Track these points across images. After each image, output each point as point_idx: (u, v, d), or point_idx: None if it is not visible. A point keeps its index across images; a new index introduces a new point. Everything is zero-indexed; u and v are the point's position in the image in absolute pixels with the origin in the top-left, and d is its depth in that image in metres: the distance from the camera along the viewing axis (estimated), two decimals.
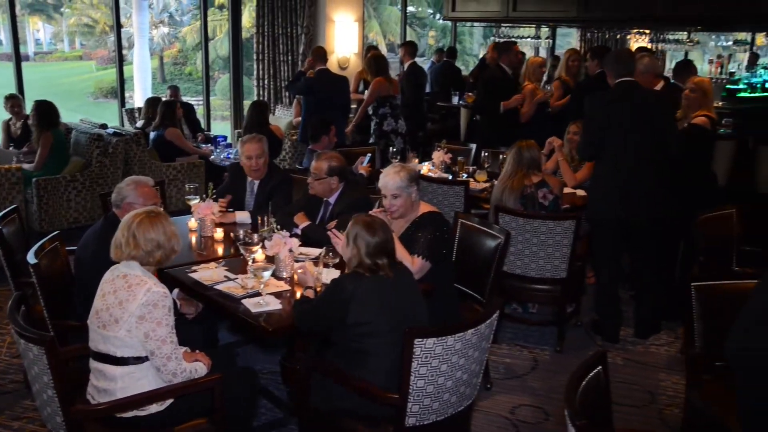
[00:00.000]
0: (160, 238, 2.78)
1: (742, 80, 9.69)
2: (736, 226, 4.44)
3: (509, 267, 4.41)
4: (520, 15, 8.76)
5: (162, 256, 2.81)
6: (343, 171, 4.13)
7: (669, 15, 7.63)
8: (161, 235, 2.79)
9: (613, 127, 4.44)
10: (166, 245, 2.80)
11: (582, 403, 2.16)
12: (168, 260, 2.88)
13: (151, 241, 2.77)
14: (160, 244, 2.78)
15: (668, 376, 4.27)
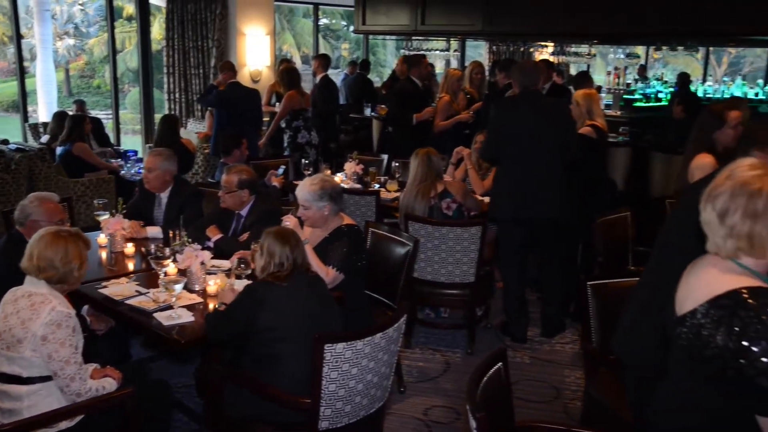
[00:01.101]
0: (55, 258, 2.73)
1: (638, 91, 10.26)
2: (631, 228, 4.72)
3: (420, 273, 4.55)
4: (429, 28, 8.99)
5: (55, 277, 2.75)
6: (253, 184, 4.18)
7: (568, 30, 8.04)
8: (59, 255, 2.74)
9: (515, 130, 4.66)
10: (61, 268, 2.74)
11: (483, 398, 2.29)
12: (66, 282, 2.81)
13: (46, 259, 2.72)
14: (54, 264, 2.73)
15: (572, 371, 4.49)
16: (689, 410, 1.91)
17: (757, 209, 1.77)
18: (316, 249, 3.62)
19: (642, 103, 10.00)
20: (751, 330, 1.69)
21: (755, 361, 1.68)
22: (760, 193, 1.77)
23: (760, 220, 1.77)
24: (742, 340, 1.69)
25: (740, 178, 1.81)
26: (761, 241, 1.78)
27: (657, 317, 2.09)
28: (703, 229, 1.88)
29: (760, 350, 1.67)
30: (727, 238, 1.82)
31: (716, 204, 1.83)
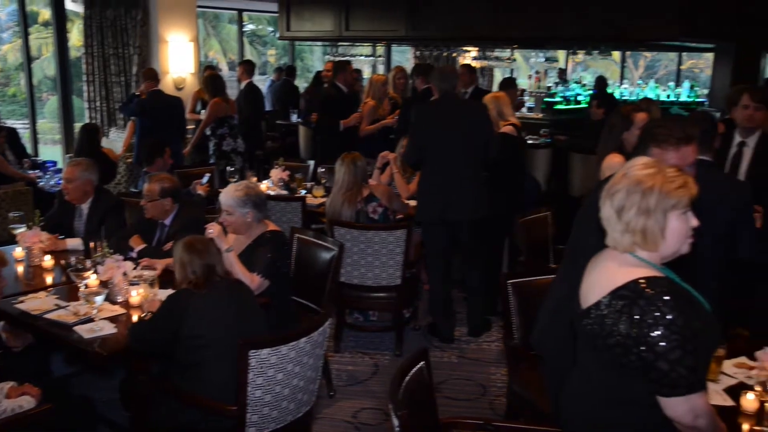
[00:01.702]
0: None
1: (558, 94, 10.57)
2: (551, 227, 4.88)
3: (347, 277, 4.59)
4: (353, 34, 9.06)
5: None
6: (176, 192, 4.14)
7: (489, 35, 8.23)
8: None
9: (436, 134, 4.76)
10: None
11: (406, 397, 2.35)
12: None
13: None
14: None
15: (498, 369, 4.60)
16: (596, 396, 2.02)
17: (650, 206, 1.88)
18: (240, 256, 3.61)
19: (562, 106, 10.30)
20: (649, 317, 1.80)
21: (654, 346, 1.79)
22: (652, 191, 1.88)
23: (653, 216, 1.89)
24: (642, 327, 1.81)
25: (635, 177, 1.93)
26: (653, 236, 1.90)
27: (569, 311, 2.19)
28: (603, 225, 1.99)
29: (658, 336, 1.79)
30: (624, 233, 1.93)
31: (614, 201, 1.95)
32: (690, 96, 11.63)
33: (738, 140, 4.37)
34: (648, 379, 1.84)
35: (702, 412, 1.85)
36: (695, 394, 1.83)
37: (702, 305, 1.96)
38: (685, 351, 1.78)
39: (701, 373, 1.87)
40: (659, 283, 1.86)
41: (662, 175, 1.92)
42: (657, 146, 2.56)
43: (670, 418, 1.87)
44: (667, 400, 1.84)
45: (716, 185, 3.15)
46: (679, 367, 1.79)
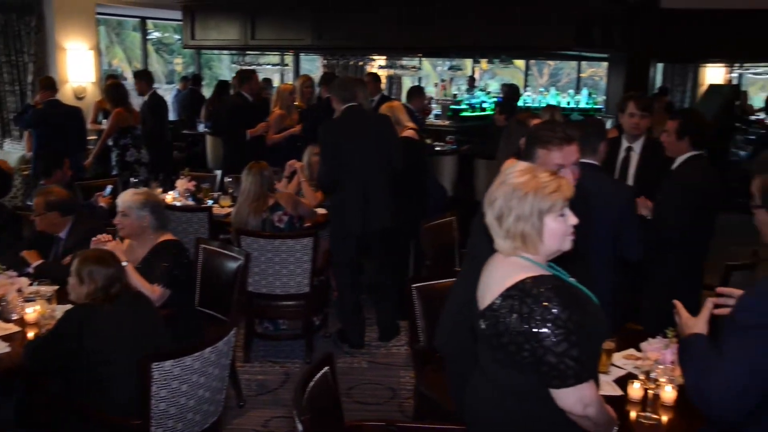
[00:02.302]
0: None
1: (464, 102, 10.82)
2: (456, 231, 5.01)
3: (255, 287, 4.58)
4: (259, 43, 9.02)
5: None
6: (63, 205, 4.01)
7: (394, 44, 8.37)
8: None
9: (349, 148, 4.77)
10: None
11: (311, 402, 2.38)
12: None
13: None
14: None
15: (407, 372, 4.67)
16: (496, 392, 2.10)
17: (526, 211, 1.98)
18: (138, 268, 3.56)
19: (468, 113, 10.55)
20: (537, 314, 1.89)
21: (543, 341, 1.89)
22: (527, 197, 1.98)
23: (529, 221, 1.99)
24: (531, 324, 1.90)
25: (511, 184, 2.02)
26: (532, 239, 2.00)
27: (469, 313, 2.27)
28: (489, 230, 2.08)
29: (546, 331, 1.88)
30: (505, 239, 2.03)
31: (494, 208, 2.04)
32: (588, 103, 12.13)
33: (625, 146, 4.60)
34: (540, 372, 1.93)
35: (591, 401, 1.95)
36: (583, 384, 1.93)
37: (589, 299, 2.08)
38: (571, 343, 1.88)
39: (588, 363, 1.98)
40: (545, 281, 1.95)
41: (536, 181, 2.01)
42: (542, 147, 2.68)
43: (562, 409, 1.96)
44: (558, 391, 1.93)
45: (602, 187, 3.32)
46: (566, 359, 1.89)
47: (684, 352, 1.99)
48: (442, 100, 11.03)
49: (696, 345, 1.96)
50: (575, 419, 1.98)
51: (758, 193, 1.90)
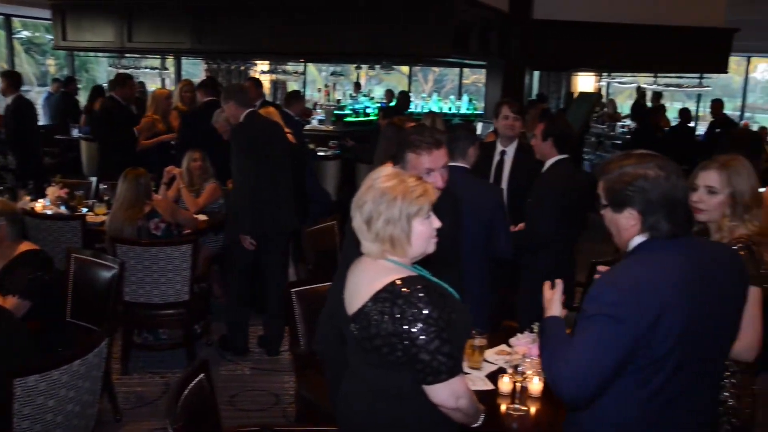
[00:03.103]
0: None
1: (348, 107, 10.92)
2: (338, 236, 5.06)
3: (132, 296, 4.45)
4: (136, 45, 8.72)
5: None
6: None
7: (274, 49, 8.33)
8: None
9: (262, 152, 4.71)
10: None
11: (186, 410, 2.35)
12: None
13: None
14: None
15: (291, 377, 4.65)
16: (368, 393, 2.14)
17: (395, 215, 2.04)
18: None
19: (352, 118, 10.66)
20: (409, 314, 1.95)
21: (415, 340, 1.94)
22: (395, 201, 2.04)
23: (398, 224, 2.05)
24: (403, 324, 1.95)
25: (380, 188, 2.07)
26: (401, 242, 2.06)
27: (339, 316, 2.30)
28: (357, 234, 2.13)
29: (418, 330, 1.94)
30: (374, 242, 2.08)
31: (363, 212, 2.08)
32: (469, 109, 12.54)
33: (500, 149, 4.81)
34: (414, 371, 1.99)
35: (462, 394, 2.03)
36: (455, 378, 2.00)
37: (453, 297, 2.16)
38: (442, 340, 1.95)
39: (458, 358, 2.06)
40: (414, 281, 2.01)
41: (404, 185, 2.07)
42: (412, 151, 2.77)
43: (436, 404, 2.03)
44: (432, 387, 2.00)
45: (472, 190, 3.46)
46: (438, 356, 1.95)
47: (542, 333, 2.11)
48: (326, 106, 11.09)
49: (550, 327, 2.08)
50: (447, 412, 2.06)
51: (603, 193, 2.04)
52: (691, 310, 1.87)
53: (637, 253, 1.98)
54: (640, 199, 1.94)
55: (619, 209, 1.98)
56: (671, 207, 1.92)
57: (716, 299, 1.94)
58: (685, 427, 1.97)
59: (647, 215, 1.94)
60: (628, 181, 1.95)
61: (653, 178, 1.93)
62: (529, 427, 2.65)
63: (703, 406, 2.03)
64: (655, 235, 1.95)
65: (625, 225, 1.99)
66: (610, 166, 2.03)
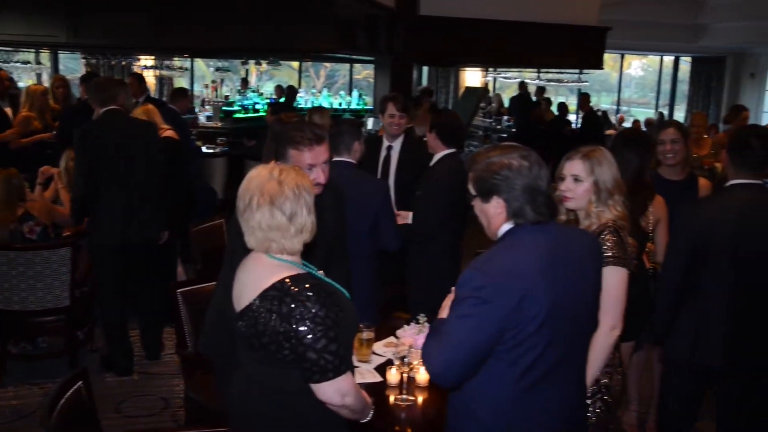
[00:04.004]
0: None
1: (236, 103, 10.72)
2: (225, 233, 4.95)
3: (6, 304, 4.24)
4: (4, 38, 8.19)
5: None
6: None
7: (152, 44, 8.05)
8: None
9: (106, 155, 4.39)
10: None
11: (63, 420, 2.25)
12: None
13: None
14: None
15: (181, 380, 4.54)
16: (256, 391, 2.13)
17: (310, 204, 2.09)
18: None
19: (241, 115, 10.48)
20: (296, 313, 1.95)
21: (303, 338, 1.95)
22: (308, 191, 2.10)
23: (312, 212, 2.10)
24: (291, 322, 1.95)
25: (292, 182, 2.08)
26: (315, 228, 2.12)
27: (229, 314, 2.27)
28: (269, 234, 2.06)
29: (306, 329, 1.95)
30: (296, 235, 2.07)
31: (285, 209, 2.04)
32: (359, 104, 12.61)
33: (386, 145, 4.86)
34: (301, 369, 1.99)
35: (348, 391, 2.06)
36: (341, 377, 2.02)
37: (342, 294, 2.18)
38: (329, 339, 1.97)
39: (345, 356, 2.08)
40: (302, 279, 2.02)
41: (302, 176, 2.14)
42: (293, 148, 2.76)
43: (322, 401, 2.04)
44: (318, 385, 2.01)
45: (358, 184, 3.49)
46: (325, 355, 1.97)
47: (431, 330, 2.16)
48: (214, 102, 10.86)
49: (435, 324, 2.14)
50: (335, 409, 2.08)
51: (472, 184, 2.12)
52: (554, 292, 1.97)
53: (503, 240, 2.08)
54: (505, 187, 2.03)
55: (487, 198, 2.07)
56: (533, 195, 2.03)
57: (576, 281, 2.06)
58: (555, 404, 2.07)
59: (511, 202, 2.03)
60: (495, 170, 2.04)
61: (516, 167, 2.03)
62: (418, 416, 2.71)
63: (572, 383, 2.14)
64: (519, 222, 2.05)
65: (493, 213, 2.08)
66: (477, 158, 2.12)
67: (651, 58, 20.29)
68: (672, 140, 3.86)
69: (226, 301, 2.25)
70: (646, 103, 20.97)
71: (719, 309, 3.03)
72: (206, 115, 10.60)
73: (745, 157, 3.03)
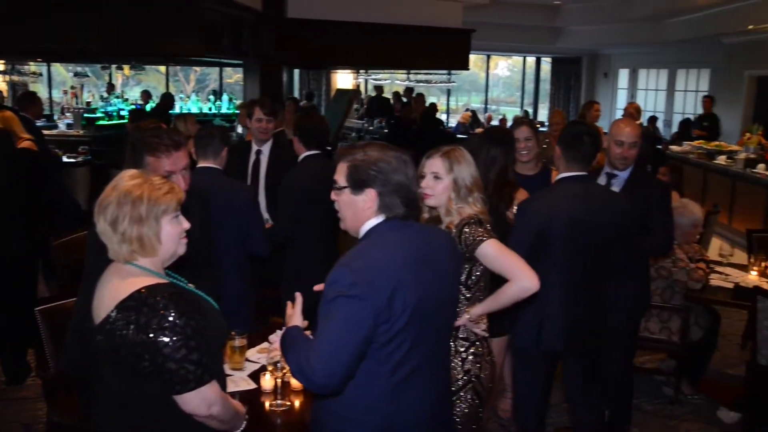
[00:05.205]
0: None
1: (99, 109, 10.26)
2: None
3: None
4: None
5: None
6: None
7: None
8: None
9: None
10: None
11: None
12: None
13: None
14: None
15: (44, 404, 4.29)
16: (118, 405, 2.04)
17: (142, 214, 1.98)
18: None
19: (105, 122, 10.04)
20: (154, 323, 1.88)
21: (162, 349, 1.88)
22: (141, 199, 1.98)
23: (146, 224, 1.98)
24: (149, 333, 1.88)
25: (123, 188, 2.00)
26: (150, 242, 2.00)
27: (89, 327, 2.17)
28: (102, 239, 2.02)
29: (165, 340, 1.88)
30: (121, 244, 1.99)
31: (107, 214, 1.99)
32: (230, 108, 12.40)
33: (255, 149, 4.79)
34: (162, 380, 1.93)
35: (214, 401, 2.01)
36: (205, 386, 1.97)
37: (206, 303, 2.13)
38: (190, 349, 1.91)
39: (210, 366, 2.02)
40: (161, 289, 1.96)
41: (149, 184, 2.02)
42: (151, 155, 2.68)
43: (188, 413, 1.99)
44: (181, 396, 1.95)
45: (225, 190, 3.43)
46: (186, 365, 1.91)
47: (283, 343, 2.14)
48: (75, 109, 10.32)
49: (290, 334, 2.12)
50: (202, 420, 2.03)
51: (344, 175, 2.12)
52: (420, 288, 2.02)
53: (369, 236, 2.10)
54: (380, 180, 2.06)
55: (359, 190, 2.09)
56: (405, 193, 2.08)
57: (439, 278, 2.12)
58: (426, 397, 2.12)
59: (384, 196, 2.07)
60: (373, 162, 2.07)
61: (394, 163, 2.07)
62: (294, 420, 2.70)
63: (440, 375, 2.20)
64: (390, 216, 2.08)
65: (362, 206, 2.09)
66: (353, 150, 2.14)
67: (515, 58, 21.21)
68: (525, 138, 4.06)
69: (86, 314, 2.15)
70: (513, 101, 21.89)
71: (558, 296, 3.19)
72: (67, 122, 10.05)
73: (577, 151, 3.21)
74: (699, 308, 4.52)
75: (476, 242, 2.56)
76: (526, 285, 2.52)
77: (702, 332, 4.50)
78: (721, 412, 4.32)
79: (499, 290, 2.56)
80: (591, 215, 3.15)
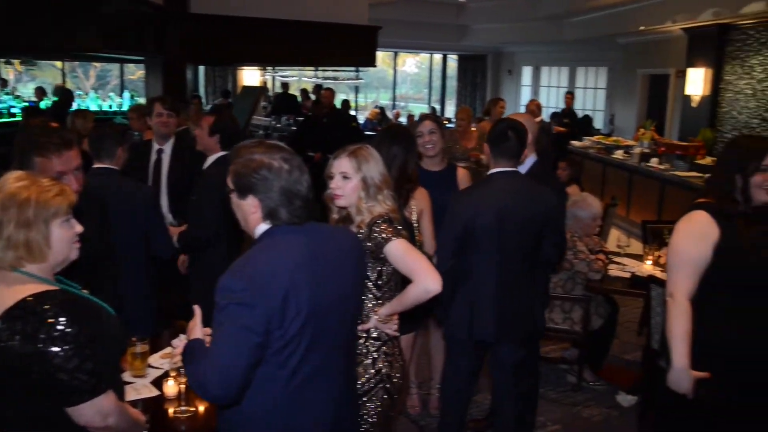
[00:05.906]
0: None
1: None
2: None
3: None
4: None
5: None
6: None
7: None
8: None
9: None
10: None
11: None
12: None
13: None
14: None
15: None
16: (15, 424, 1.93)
17: (29, 218, 1.87)
18: None
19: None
20: (42, 333, 1.78)
21: (52, 359, 1.79)
22: (29, 202, 1.87)
23: (34, 228, 1.88)
24: (37, 343, 1.78)
25: (9, 191, 1.89)
26: (39, 246, 1.89)
27: None
28: None
29: (55, 350, 1.79)
30: (6, 250, 1.88)
31: None
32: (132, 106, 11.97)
33: (156, 148, 4.65)
34: (54, 392, 1.84)
35: (110, 411, 1.92)
36: (99, 397, 1.89)
37: (101, 309, 2.03)
38: (83, 358, 1.82)
39: (105, 375, 1.93)
40: (49, 296, 1.86)
41: (37, 186, 1.92)
42: (39, 155, 2.55)
43: (82, 425, 1.90)
44: (74, 408, 1.87)
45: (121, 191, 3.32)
46: (79, 374, 1.82)
47: (184, 356, 2.08)
48: None
49: (191, 347, 2.07)
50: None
51: (231, 179, 2.07)
52: (315, 290, 1.99)
53: (261, 241, 2.06)
54: (262, 188, 2.01)
55: (244, 195, 2.05)
56: (290, 198, 2.03)
57: (337, 278, 2.10)
58: (331, 396, 2.11)
59: (266, 203, 2.02)
60: (254, 168, 2.02)
61: (276, 168, 2.02)
62: (199, 426, 2.62)
63: (342, 375, 2.18)
64: (275, 222, 2.04)
65: (248, 211, 2.06)
66: (240, 152, 2.08)
67: (423, 55, 21.46)
68: (429, 131, 4.09)
69: None
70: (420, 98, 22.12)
71: (489, 287, 3.29)
72: None
73: (503, 147, 3.30)
74: (599, 298, 4.68)
75: (383, 241, 2.55)
76: (429, 287, 2.48)
77: (602, 321, 4.66)
78: (620, 396, 4.50)
79: (403, 291, 2.57)
80: (518, 208, 3.25)
